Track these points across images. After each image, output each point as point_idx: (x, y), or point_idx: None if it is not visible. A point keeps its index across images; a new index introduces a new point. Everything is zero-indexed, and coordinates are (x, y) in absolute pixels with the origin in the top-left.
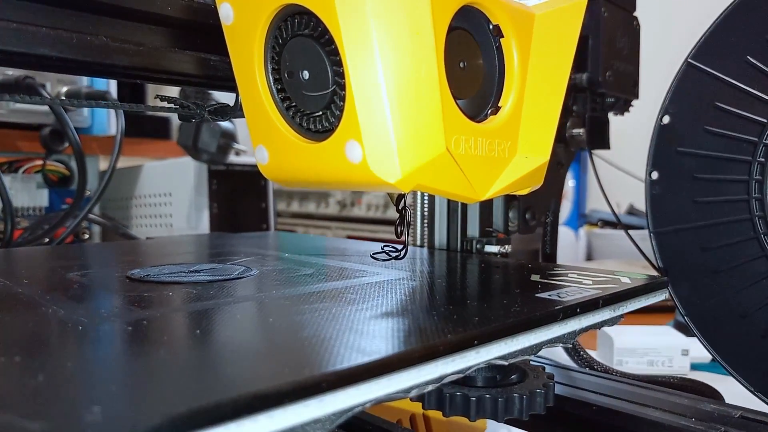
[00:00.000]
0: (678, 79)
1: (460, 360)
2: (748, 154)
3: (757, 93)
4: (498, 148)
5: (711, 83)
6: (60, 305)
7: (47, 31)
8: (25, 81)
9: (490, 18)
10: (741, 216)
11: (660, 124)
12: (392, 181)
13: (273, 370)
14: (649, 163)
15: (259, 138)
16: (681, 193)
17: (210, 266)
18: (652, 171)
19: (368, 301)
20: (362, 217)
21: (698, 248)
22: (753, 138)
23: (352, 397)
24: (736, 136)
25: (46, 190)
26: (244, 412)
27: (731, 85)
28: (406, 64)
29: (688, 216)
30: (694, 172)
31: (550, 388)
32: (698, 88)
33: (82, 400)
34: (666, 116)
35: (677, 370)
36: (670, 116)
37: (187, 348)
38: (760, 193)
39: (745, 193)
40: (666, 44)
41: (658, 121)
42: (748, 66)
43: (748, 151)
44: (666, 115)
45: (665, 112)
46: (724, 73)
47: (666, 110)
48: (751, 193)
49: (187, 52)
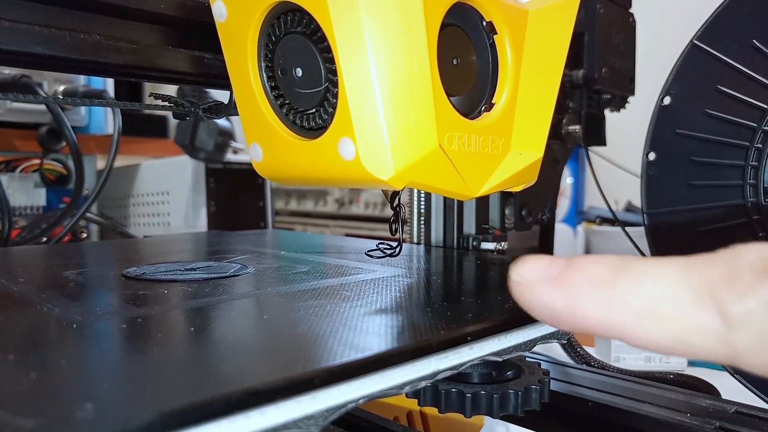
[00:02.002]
0: (682, 60)
1: (453, 356)
2: (746, 139)
3: (760, 78)
4: (491, 145)
5: (714, 66)
6: (55, 303)
7: (40, 30)
8: (22, 80)
9: (483, 15)
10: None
11: (660, 105)
12: (385, 178)
13: (266, 366)
14: (647, 144)
15: (253, 135)
16: (676, 175)
17: (206, 264)
18: (649, 152)
19: (363, 298)
20: (360, 215)
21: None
22: (752, 124)
23: (345, 394)
24: (735, 120)
25: (44, 189)
26: (237, 409)
27: (735, 69)
28: (398, 62)
29: (682, 198)
30: (691, 155)
31: (545, 384)
32: (701, 70)
33: (74, 397)
34: (667, 97)
35: (674, 366)
36: (671, 97)
37: (181, 345)
38: (755, 178)
39: (740, 179)
40: (662, 41)
41: (659, 102)
42: (753, 50)
43: (747, 137)
44: (667, 96)
45: (666, 93)
46: (728, 56)
47: (667, 91)
48: (746, 179)
49: (181, 50)
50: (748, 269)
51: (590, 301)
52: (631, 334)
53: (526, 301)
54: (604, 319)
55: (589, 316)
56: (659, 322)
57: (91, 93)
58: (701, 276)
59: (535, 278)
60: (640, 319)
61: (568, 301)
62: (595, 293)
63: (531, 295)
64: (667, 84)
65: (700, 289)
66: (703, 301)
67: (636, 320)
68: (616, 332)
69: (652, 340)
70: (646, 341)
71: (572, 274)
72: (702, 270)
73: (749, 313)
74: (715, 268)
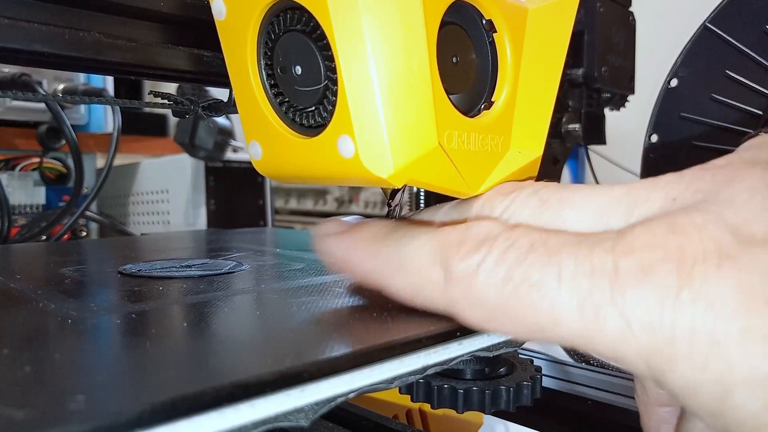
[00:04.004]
0: (692, 42)
1: (443, 351)
2: (751, 126)
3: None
4: (491, 143)
5: (724, 50)
6: (51, 299)
7: (39, 27)
8: (21, 78)
9: (483, 13)
10: None
11: (667, 87)
12: (384, 176)
13: (256, 360)
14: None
15: (252, 133)
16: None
17: (202, 261)
18: (652, 134)
19: (355, 295)
20: (360, 214)
21: None
22: (757, 111)
23: (334, 387)
24: (741, 107)
25: (43, 188)
26: (226, 401)
27: (744, 54)
28: (397, 60)
29: None
30: (693, 140)
31: (537, 380)
32: (711, 53)
33: (67, 390)
34: (674, 79)
35: None
36: (679, 80)
37: (173, 340)
38: None
39: None
40: (661, 42)
41: (666, 84)
42: (764, 36)
43: (752, 124)
44: (674, 78)
45: (674, 75)
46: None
47: (675, 73)
48: None
49: (181, 48)
50: (472, 239)
51: (362, 252)
52: (389, 283)
53: (320, 252)
54: (370, 269)
55: (359, 264)
56: (407, 274)
57: (90, 91)
58: (441, 241)
59: (326, 232)
60: (394, 271)
61: (345, 252)
62: (367, 247)
63: (322, 246)
64: (676, 66)
65: (436, 251)
66: (436, 260)
67: (392, 272)
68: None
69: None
70: (396, 290)
71: (354, 231)
72: (443, 236)
73: (462, 271)
74: (452, 235)
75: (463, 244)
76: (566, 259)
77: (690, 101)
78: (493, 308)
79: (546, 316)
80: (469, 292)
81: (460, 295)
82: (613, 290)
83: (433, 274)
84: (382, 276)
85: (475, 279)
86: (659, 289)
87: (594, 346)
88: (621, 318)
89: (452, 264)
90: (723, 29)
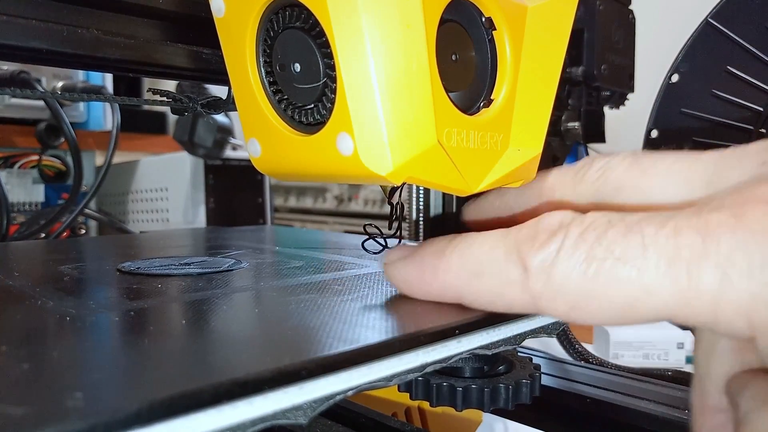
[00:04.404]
0: (694, 38)
1: (441, 349)
2: (751, 123)
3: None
4: (490, 141)
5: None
6: (49, 297)
7: (38, 24)
8: (20, 75)
9: (482, 11)
10: None
11: (668, 83)
12: (383, 174)
13: (255, 358)
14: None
15: (251, 131)
16: None
17: (200, 259)
18: (652, 129)
19: (354, 292)
20: (359, 212)
21: None
22: (758, 108)
23: (333, 385)
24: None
25: (42, 186)
26: (224, 398)
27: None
28: (396, 57)
29: None
30: (693, 136)
31: (536, 378)
32: (712, 49)
33: (65, 387)
34: (675, 74)
35: (673, 364)
36: (680, 75)
37: (171, 337)
38: None
39: None
40: (662, 37)
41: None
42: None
43: (752, 120)
44: (675, 74)
45: (675, 70)
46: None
47: (677, 68)
48: None
49: (180, 45)
50: (546, 230)
51: (433, 268)
52: (467, 294)
53: (392, 278)
54: (444, 282)
55: (433, 281)
56: (484, 279)
57: (89, 89)
58: (512, 239)
59: (393, 259)
60: (471, 279)
61: (417, 272)
62: (435, 262)
63: (393, 272)
64: (677, 62)
65: (511, 249)
66: (512, 258)
67: (469, 280)
68: (455, 293)
69: (480, 296)
70: (475, 298)
71: (419, 251)
72: (513, 234)
73: (541, 262)
74: (522, 232)
75: (537, 236)
76: (648, 226)
77: (691, 97)
78: (578, 294)
79: (636, 289)
80: (550, 283)
81: (542, 288)
82: (706, 242)
83: (511, 274)
84: (458, 287)
85: (555, 267)
86: (758, 233)
87: (691, 310)
88: (717, 270)
89: (529, 258)
90: (725, 25)
